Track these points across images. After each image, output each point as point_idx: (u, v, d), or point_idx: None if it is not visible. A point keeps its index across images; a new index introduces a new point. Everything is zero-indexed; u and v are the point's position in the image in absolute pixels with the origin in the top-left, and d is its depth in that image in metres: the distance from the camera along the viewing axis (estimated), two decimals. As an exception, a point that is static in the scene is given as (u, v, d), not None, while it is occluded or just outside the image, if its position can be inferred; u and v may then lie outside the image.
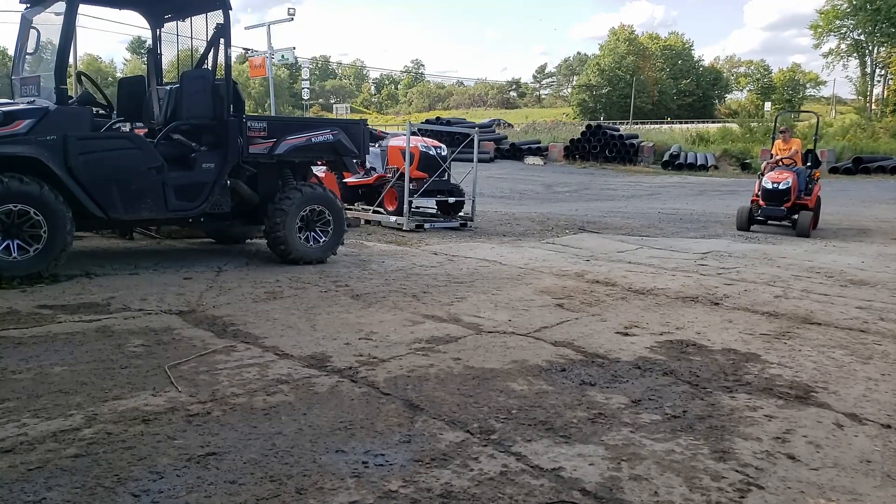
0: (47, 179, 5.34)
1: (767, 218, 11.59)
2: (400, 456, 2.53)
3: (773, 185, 11.36)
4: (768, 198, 11.42)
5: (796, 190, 11.29)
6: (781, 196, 11.27)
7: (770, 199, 11.46)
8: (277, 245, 6.58)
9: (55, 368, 3.38)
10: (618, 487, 2.36)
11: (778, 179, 11.33)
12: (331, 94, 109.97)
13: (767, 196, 11.44)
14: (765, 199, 11.46)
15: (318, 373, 3.45)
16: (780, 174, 11.42)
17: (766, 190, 11.45)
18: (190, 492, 2.22)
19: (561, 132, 39.66)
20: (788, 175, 11.33)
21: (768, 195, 11.42)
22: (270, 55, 24.12)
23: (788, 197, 11.21)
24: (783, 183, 11.24)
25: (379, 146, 11.30)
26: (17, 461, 2.39)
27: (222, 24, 6.33)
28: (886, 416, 3.12)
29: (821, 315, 5.20)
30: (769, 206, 11.40)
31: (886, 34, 49.96)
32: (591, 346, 4.11)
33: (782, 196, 11.26)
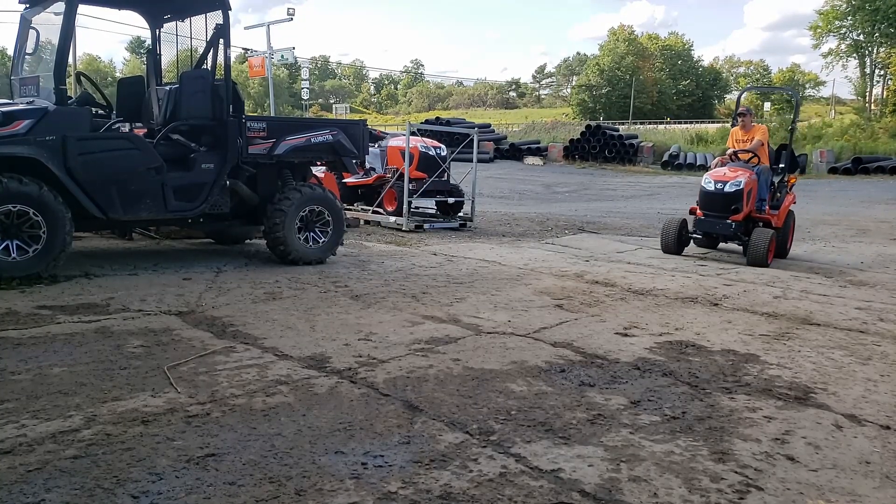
0: (46, 180, 5.34)
1: (706, 236, 8.40)
2: (399, 457, 2.53)
3: (716, 186, 8.02)
4: (708, 205, 8.09)
5: (753, 197, 8.07)
6: (727, 203, 7.90)
7: (710, 207, 8.08)
8: (277, 245, 6.58)
9: (54, 369, 3.38)
10: (617, 489, 2.36)
11: (723, 178, 8.03)
12: (330, 94, 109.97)
13: (707, 202, 8.10)
14: (703, 206, 8.18)
15: (317, 374, 3.45)
16: (731, 171, 8.19)
17: (704, 194, 8.13)
18: (189, 493, 2.22)
19: (560, 132, 39.70)
20: (741, 174, 8.01)
21: (708, 201, 8.08)
22: (270, 55, 24.11)
23: (739, 206, 7.87)
24: (731, 184, 7.93)
25: (378, 146, 11.30)
26: (17, 462, 2.39)
27: (222, 24, 6.33)
28: (886, 417, 3.12)
29: (820, 316, 5.20)
30: (708, 217, 8.11)
31: (885, 34, 49.96)
32: (591, 347, 4.11)
33: (728, 203, 7.89)
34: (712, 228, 8.16)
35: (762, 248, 7.72)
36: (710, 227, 8.17)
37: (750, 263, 7.76)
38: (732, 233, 8.02)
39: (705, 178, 8.36)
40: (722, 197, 7.99)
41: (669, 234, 8.45)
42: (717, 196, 8.04)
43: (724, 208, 7.98)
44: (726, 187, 7.98)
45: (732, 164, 8.43)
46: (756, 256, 7.73)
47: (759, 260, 7.71)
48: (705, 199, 8.18)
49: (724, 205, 7.96)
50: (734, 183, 7.94)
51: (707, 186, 8.18)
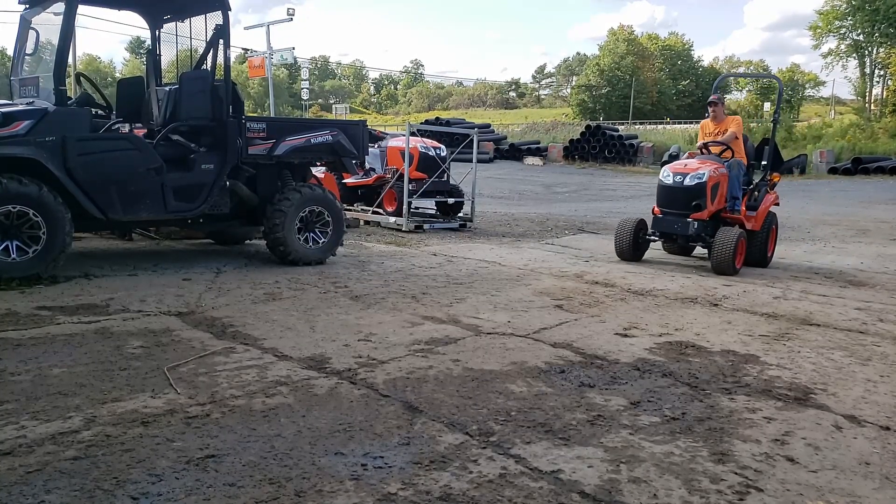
0: (46, 180, 5.34)
1: (663, 237, 7.46)
2: (399, 458, 2.53)
3: (675, 179, 7.08)
4: (666, 201, 7.19)
5: (721, 193, 7.16)
6: (688, 198, 6.98)
7: (669, 204, 7.16)
8: (276, 246, 6.58)
9: (54, 370, 3.38)
10: (617, 490, 2.36)
11: (683, 170, 7.08)
12: (330, 94, 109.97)
13: (665, 198, 7.21)
14: (661, 203, 7.27)
15: (317, 374, 3.45)
16: (694, 163, 7.25)
17: (661, 188, 7.23)
18: (189, 494, 2.22)
19: (560, 132, 39.72)
20: (705, 166, 7.09)
21: (666, 197, 7.19)
22: (270, 55, 24.11)
23: (701, 202, 6.96)
24: (692, 176, 6.99)
25: (378, 147, 11.30)
26: (16, 464, 2.39)
27: (221, 24, 6.33)
28: (885, 418, 3.12)
29: (820, 316, 5.20)
30: (666, 215, 7.18)
31: (885, 35, 49.97)
32: (591, 348, 4.11)
33: (689, 198, 6.98)
34: (670, 228, 7.18)
35: (727, 252, 6.75)
36: (667, 226, 7.19)
37: (714, 270, 6.91)
38: (694, 233, 7.05)
39: (663, 170, 7.36)
40: (682, 192, 7.02)
41: (624, 236, 7.43)
42: (675, 191, 7.09)
43: (684, 205, 7.02)
44: (686, 180, 7.00)
45: (702, 158, 7.53)
46: (720, 261, 6.77)
47: (723, 265, 6.76)
48: (663, 194, 7.26)
49: (684, 201, 7.01)
50: (695, 176, 7.01)
51: (665, 180, 7.19)
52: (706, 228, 7.15)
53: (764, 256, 7.75)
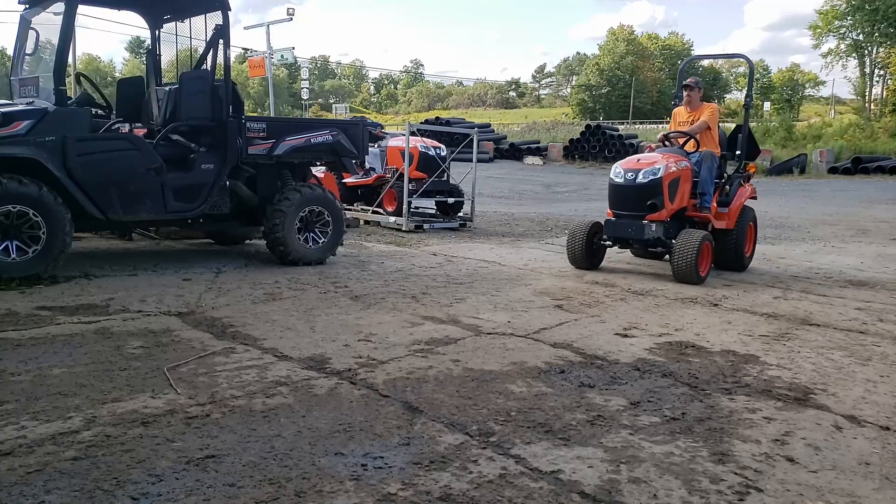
0: (46, 180, 5.34)
1: (617, 243, 6.70)
2: (399, 458, 2.53)
3: (626, 177, 6.36)
4: (618, 202, 6.51)
5: (684, 191, 6.45)
6: (641, 198, 6.26)
7: (621, 205, 6.48)
8: (276, 246, 6.58)
9: (54, 370, 3.38)
10: (617, 490, 2.36)
11: (635, 167, 6.36)
12: (330, 94, 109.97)
13: (616, 199, 6.52)
14: (613, 204, 6.57)
15: (317, 374, 3.45)
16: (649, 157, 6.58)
17: (612, 188, 6.55)
18: (189, 495, 2.22)
19: (560, 132, 39.74)
20: (662, 160, 6.36)
21: (617, 197, 6.50)
22: (270, 55, 24.11)
23: (657, 201, 6.23)
24: (645, 173, 6.25)
25: (378, 147, 11.30)
26: (16, 464, 2.39)
27: (221, 24, 6.33)
28: (885, 418, 3.12)
29: (820, 316, 5.20)
30: (620, 217, 6.49)
31: (885, 34, 50.00)
32: (591, 348, 4.11)
33: (643, 198, 6.26)
34: (624, 233, 6.40)
35: (688, 258, 6.00)
36: (621, 230, 6.42)
37: (676, 278, 6.19)
38: (652, 237, 6.29)
39: (614, 167, 6.63)
40: (634, 191, 6.27)
41: (576, 242, 6.72)
42: (627, 190, 6.32)
43: (637, 205, 6.28)
44: (638, 177, 6.25)
45: (663, 151, 6.78)
46: (681, 268, 6.05)
47: (684, 273, 6.06)
48: (614, 194, 6.52)
49: (638, 201, 6.27)
50: (649, 171, 6.23)
51: (615, 178, 6.45)
52: (667, 231, 6.42)
53: (740, 258, 7.06)
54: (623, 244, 6.71)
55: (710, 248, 6.43)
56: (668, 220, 6.44)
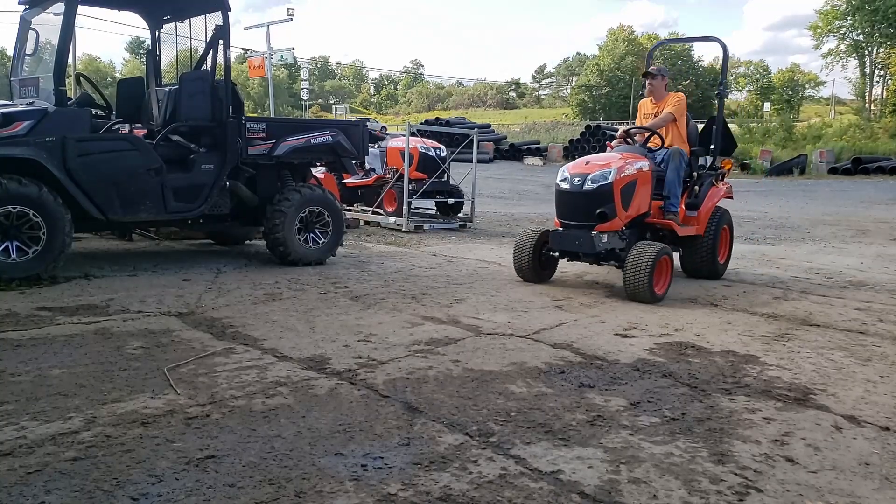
0: (46, 181, 5.34)
1: (565, 256, 5.98)
2: (399, 459, 2.53)
3: (573, 182, 5.66)
4: (565, 211, 5.83)
5: (642, 196, 5.78)
6: (590, 206, 5.57)
7: (568, 214, 5.79)
8: (276, 246, 6.59)
9: (54, 371, 3.38)
10: (616, 490, 2.36)
11: (583, 171, 5.66)
12: (330, 94, 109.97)
13: (563, 207, 5.84)
14: (560, 213, 5.89)
15: (316, 375, 3.45)
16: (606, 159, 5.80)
17: (558, 194, 5.86)
18: (189, 495, 2.22)
19: (560, 132, 39.77)
20: (615, 161, 5.68)
21: (564, 205, 5.83)
22: (270, 55, 24.12)
23: (607, 210, 5.54)
24: (593, 178, 5.56)
25: (378, 147, 11.31)
26: (16, 464, 2.39)
27: (221, 25, 6.34)
28: (885, 419, 3.12)
29: (820, 316, 5.20)
30: (567, 228, 5.79)
31: (885, 35, 50.01)
32: (590, 348, 4.11)
33: (591, 206, 5.56)
34: (571, 245, 5.70)
35: (641, 276, 5.32)
36: (568, 242, 5.72)
37: (628, 296, 5.50)
38: (603, 249, 5.61)
39: (561, 171, 5.88)
40: (582, 198, 5.58)
41: (523, 253, 6.07)
42: (574, 197, 5.63)
43: (586, 215, 5.58)
44: (586, 183, 5.54)
45: (623, 149, 6.13)
46: (632, 286, 5.39)
47: (636, 292, 5.39)
48: (560, 202, 5.84)
49: (586, 209, 5.57)
50: (598, 176, 5.54)
51: (561, 184, 5.76)
52: (623, 241, 5.75)
53: (713, 265, 6.51)
54: (573, 257, 5.96)
55: (669, 262, 5.66)
56: (623, 230, 5.75)
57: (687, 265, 6.67)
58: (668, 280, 5.68)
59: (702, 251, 6.46)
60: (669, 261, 5.69)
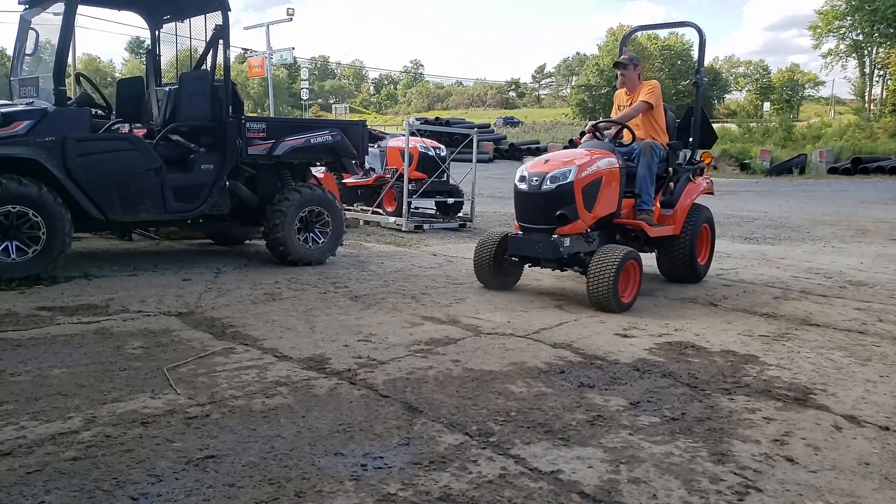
0: (46, 181, 5.34)
1: (525, 261, 5.61)
2: (399, 459, 2.53)
3: (530, 182, 5.30)
4: (523, 213, 5.45)
5: (608, 196, 5.42)
6: (548, 208, 5.20)
7: (527, 217, 5.43)
8: (276, 246, 6.59)
9: (54, 371, 3.38)
10: (616, 490, 2.36)
11: (542, 169, 5.28)
12: (330, 94, 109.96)
13: (521, 209, 5.47)
14: (519, 216, 5.51)
15: (316, 375, 3.45)
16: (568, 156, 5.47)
17: (516, 195, 5.49)
18: (189, 495, 2.22)
19: (560, 132, 39.73)
20: (575, 159, 5.30)
21: (522, 207, 5.46)
22: (269, 55, 24.12)
23: (567, 212, 5.17)
24: (552, 177, 5.19)
25: (378, 147, 11.31)
26: (16, 464, 2.39)
27: (221, 25, 6.34)
28: (885, 418, 3.12)
29: (819, 316, 5.20)
30: (526, 232, 5.42)
31: (885, 35, 50.03)
32: (590, 348, 4.11)
33: (550, 208, 5.20)
34: (531, 250, 5.33)
35: (604, 283, 4.94)
36: (528, 248, 5.34)
37: (592, 305, 5.12)
38: (567, 254, 5.23)
39: (519, 170, 5.53)
40: (541, 199, 5.21)
41: (483, 258, 5.66)
42: (533, 198, 5.27)
43: (545, 217, 5.22)
44: (544, 183, 5.17)
45: (591, 145, 5.74)
46: (595, 294, 5.01)
47: (600, 300, 5.00)
48: (519, 203, 5.47)
49: (545, 211, 5.21)
50: (557, 175, 5.16)
51: (519, 184, 5.39)
52: (588, 244, 5.39)
53: (692, 267, 6.10)
54: (534, 263, 5.56)
55: (637, 267, 5.25)
56: (588, 232, 5.40)
57: (664, 267, 6.26)
58: (636, 287, 5.27)
59: (679, 252, 6.04)
60: (637, 266, 5.27)
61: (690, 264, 6.11)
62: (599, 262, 5.04)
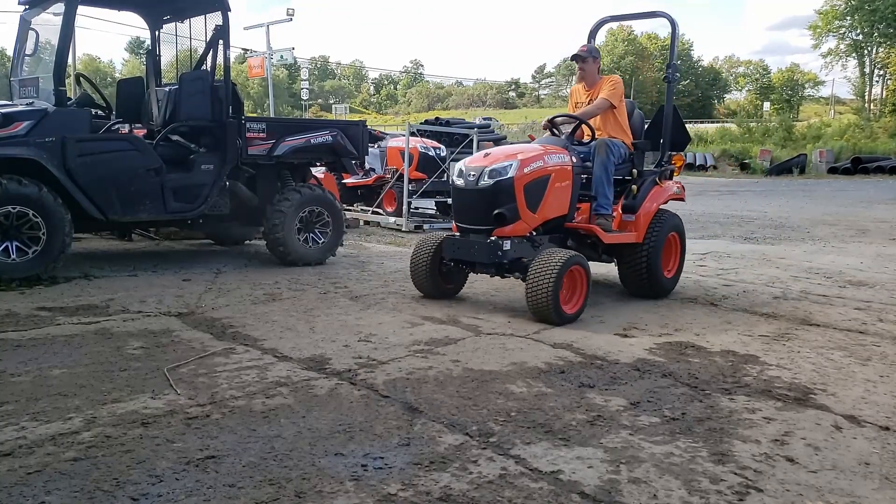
0: (46, 181, 5.35)
1: (460, 264, 5.11)
2: (399, 459, 2.53)
3: (467, 178, 4.85)
4: (460, 212, 5.04)
5: (559, 198, 4.97)
6: (485, 207, 4.76)
7: (463, 217, 4.99)
8: (276, 246, 6.59)
9: (54, 371, 3.38)
10: (616, 490, 2.36)
11: (481, 163, 4.84)
12: (330, 94, 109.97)
13: (458, 208, 5.09)
14: (455, 215, 5.15)
15: (317, 375, 3.45)
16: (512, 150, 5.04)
17: (454, 192, 5.14)
18: (189, 495, 2.22)
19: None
20: (521, 154, 4.85)
21: (459, 206, 5.08)
22: (269, 56, 24.12)
23: (506, 211, 4.72)
24: (491, 171, 4.74)
25: (378, 147, 11.31)
26: (16, 465, 2.39)
27: (221, 25, 6.34)
28: (885, 418, 3.12)
29: (819, 316, 5.20)
30: (463, 230, 5.00)
31: (884, 35, 50.05)
32: (591, 348, 4.11)
33: (487, 206, 4.75)
34: (467, 254, 4.89)
35: (543, 291, 4.47)
36: (464, 250, 4.91)
37: (532, 314, 4.67)
38: (507, 259, 4.76)
39: (456, 166, 5.13)
40: (478, 197, 4.79)
41: (420, 262, 5.21)
42: (469, 196, 4.86)
43: (482, 217, 4.79)
44: (481, 179, 4.75)
45: (544, 141, 5.33)
46: (534, 303, 4.55)
47: (539, 310, 4.56)
48: (455, 201, 5.14)
49: (483, 210, 4.77)
50: (496, 170, 4.73)
51: (456, 180, 4.99)
52: (534, 249, 4.90)
53: (656, 280, 5.48)
54: (471, 267, 5.09)
55: (583, 275, 4.77)
56: (532, 235, 4.97)
57: (624, 279, 5.67)
58: (582, 296, 4.78)
59: (640, 263, 5.43)
60: (583, 273, 4.76)
61: (653, 276, 5.47)
62: (538, 267, 4.56)
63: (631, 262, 5.50)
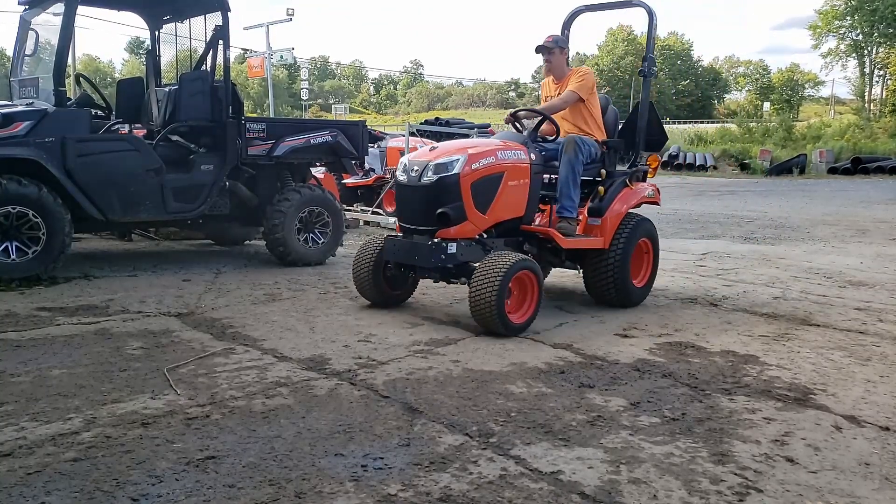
0: (46, 181, 5.35)
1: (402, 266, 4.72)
2: (399, 459, 2.53)
3: (410, 173, 4.51)
4: (403, 210, 4.69)
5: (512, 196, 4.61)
6: (429, 204, 4.40)
7: (406, 215, 4.63)
8: (276, 247, 6.59)
9: (54, 371, 3.38)
10: (616, 491, 2.36)
11: (426, 158, 4.49)
12: (329, 94, 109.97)
13: (400, 208, 4.78)
14: (398, 214, 4.84)
15: (316, 375, 3.45)
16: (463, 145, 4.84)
17: (396, 189, 4.85)
18: (189, 496, 2.22)
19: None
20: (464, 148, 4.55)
21: (401, 203, 4.75)
22: (269, 56, 24.11)
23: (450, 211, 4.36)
24: (435, 167, 4.38)
25: (378, 147, 11.32)
26: (16, 465, 2.39)
27: (221, 25, 6.34)
28: (885, 419, 3.12)
29: (819, 316, 5.20)
30: (405, 230, 4.63)
31: (884, 35, 50.02)
32: (590, 348, 4.11)
33: (431, 204, 4.39)
34: (408, 256, 4.53)
35: (486, 298, 4.10)
36: (404, 253, 4.55)
37: (475, 321, 4.32)
38: (451, 264, 4.42)
39: (401, 161, 4.81)
40: (421, 194, 4.45)
41: (362, 266, 4.83)
42: (411, 193, 4.51)
43: (424, 216, 4.44)
44: (424, 175, 4.38)
45: (505, 136, 5.02)
46: (477, 309, 4.18)
47: (482, 317, 4.20)
48: (397, 199, 4.84)
49: (425, 209, 4.42)
50: (441, 165, 4.37)
51: (399, 176, 4.65)
52: (484, 254, 4.49)
53: (623, 288, 5.09)
54: (406, 266, 4.70)
55: (533, 281, 4.39)
56: (482, 238, 4.63)
57: (590, 287, 5.24)
58: (532, 304, 4.42)
59: (606, 270, 5.04)
60: (534, 278, 4.39)
61: (620, 285, 5.07)
62: (482, 271, 4.20)
63: (597, 270, 5.09)
